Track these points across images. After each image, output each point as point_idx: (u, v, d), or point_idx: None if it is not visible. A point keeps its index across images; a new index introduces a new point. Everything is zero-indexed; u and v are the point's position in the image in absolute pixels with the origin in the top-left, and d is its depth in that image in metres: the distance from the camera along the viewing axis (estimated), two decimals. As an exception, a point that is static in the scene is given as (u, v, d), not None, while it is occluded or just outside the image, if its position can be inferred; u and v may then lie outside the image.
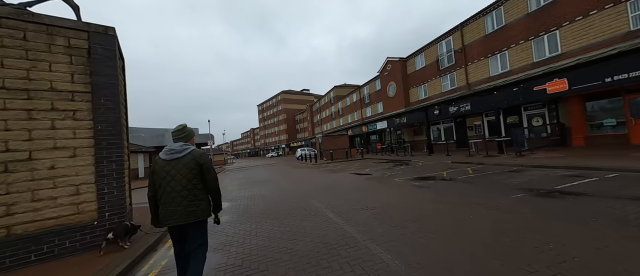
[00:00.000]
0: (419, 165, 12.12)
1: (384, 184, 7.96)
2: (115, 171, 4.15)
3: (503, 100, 12.24)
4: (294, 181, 10.84)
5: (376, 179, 9.11)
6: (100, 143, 4.07)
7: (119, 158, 4.23)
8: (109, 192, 4.07)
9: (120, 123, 4.32)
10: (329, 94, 48.28)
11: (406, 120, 20.20)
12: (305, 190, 8.07)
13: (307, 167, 17.80)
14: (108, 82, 4.20)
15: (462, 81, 18.00)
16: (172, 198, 2.21)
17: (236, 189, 10.04)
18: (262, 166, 24.95)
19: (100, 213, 3.98)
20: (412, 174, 9.46)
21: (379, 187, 7.57)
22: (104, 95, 4.16)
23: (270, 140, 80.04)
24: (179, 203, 2.21)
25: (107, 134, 4.14)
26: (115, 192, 4.12)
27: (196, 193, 2.29)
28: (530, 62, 13.52)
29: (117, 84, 4.30)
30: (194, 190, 2.28)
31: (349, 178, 10.17)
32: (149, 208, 2.48)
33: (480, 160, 11.26)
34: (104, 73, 4.17)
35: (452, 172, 9.16)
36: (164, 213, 2.24)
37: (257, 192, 8.82)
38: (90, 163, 3.99)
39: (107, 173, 4.08)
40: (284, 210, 5.72)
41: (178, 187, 2.23)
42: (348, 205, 5.58)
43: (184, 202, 2.22)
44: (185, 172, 2.26)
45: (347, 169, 13.71)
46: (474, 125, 17.15)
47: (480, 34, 16.29)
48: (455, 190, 6.01)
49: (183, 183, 2.24)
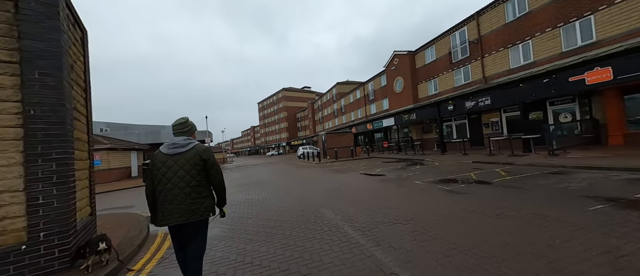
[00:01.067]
0: (435, 165, 10.92)
1: (404, 188, 6.78)
2: (56, 173, 2.98)
3: (530, 93, 11.01)
4: (298, 182, 9.67)
5: (393, 181, 7.92)
6: (33, 134, 2.90)
7: (64, 155, 3.05)
8: (46, 202, 2.90)
9: (66, 107, 3.14)
10: (331, 91, 47.05)
11: (415, 116, 18.98)
12: (312, 194, 6.90)
13: (311, 166, 16.63)
14: (47, 49, 3.02)
15: (477, 74, 16.74)
16: (174, 196, 2.07)
17: (233, 192, 8.88)
18: (262, 165, 23.80)
19: (31, 233, 2.81)
20: (433, 175, 8.27)
21: (400, 191, 6.38)
22: (40, 68, 2.97)
23: (271, 138, 78.91)
24: (181, 201, 2.07)
25: (44, 122, 2.96)
26: (56, 202, 2.95)
27: (200, 190, 2.17)
28: (558, 51, 12.26)
29: (61, 54, 3.11)
30: (198, 187, 2.15)
31: (360, 179, 8.99)
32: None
33: (505, 159, 10.06)
34: (40, 37, 2.98)
35: (480, 173, 7.96)
36: (163, 212, 2.09)
37: (256, 195, 7.65)
38: (16, 163, 2.82)
39: (44, 176, 2.91)
40: (289, 222, 4.55)
41: (181, 183, 2.10)
42: (369, 216, 4.40)
43: (187, 200, 2.09)
44: (188, 168, 2.13)
45: (355, 169, 12.53)
46: (490, 121, 15.91)
47: (499, 22, 15.02)
48: (503, 198, 4.82)
49: (186, 180, 2.11)
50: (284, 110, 70.78)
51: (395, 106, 24.92)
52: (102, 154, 16.27)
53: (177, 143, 2.19)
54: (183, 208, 2.07)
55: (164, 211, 2.08)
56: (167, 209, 2.07)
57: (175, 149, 2.16)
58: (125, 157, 18.64)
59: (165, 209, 2.07)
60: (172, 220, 2.06)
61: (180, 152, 2.16)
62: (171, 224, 2.09)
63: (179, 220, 2.06)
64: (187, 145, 2.20)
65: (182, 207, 2.07)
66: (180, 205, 2.06)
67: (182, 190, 2.08)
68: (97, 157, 16.20)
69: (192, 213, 2.09)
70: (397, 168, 11.32)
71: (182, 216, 2.06)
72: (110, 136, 21.61)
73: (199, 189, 2.15)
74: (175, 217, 2.06)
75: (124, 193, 11.51)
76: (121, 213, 6.66)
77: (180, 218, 2.06)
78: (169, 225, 2.10)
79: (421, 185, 6.94)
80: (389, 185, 7.31)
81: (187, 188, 2.10)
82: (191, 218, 2.09)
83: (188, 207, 2.08)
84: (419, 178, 7.95)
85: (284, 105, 71.04)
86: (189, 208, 2.08)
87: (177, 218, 2.06)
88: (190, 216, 2.08)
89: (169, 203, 2.07)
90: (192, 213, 2.09)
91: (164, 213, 2.08)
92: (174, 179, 2.09)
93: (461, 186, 6.25)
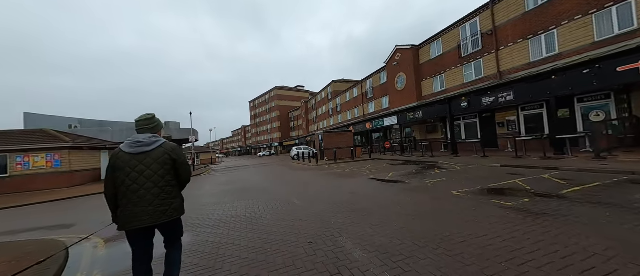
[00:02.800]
0: (457, 169, 9.29)
1: (442, 201, 5.04)
2: None
3: (564, 87, 9.55)
4: (296, 190, 7.81)
5: (419, 191, 6.18)
6: None
7: None
8: None
9: None
10: (327, 90, 45.34)
11: (422, 115, 17.45)
12: (319, 210, 5.06)
13: (308, 169, 14.77)
14: None
15: (491, 69, 15.33)
16: (140, 197, 1.94)
17: (214, 203, 6.94)
18: (253, 166, 21.74)
19: None
20: (466, 183, 6.60)
21: (441, 207, 4.63)
22: None
23: (263, 138, 76.45)
24: (150, 202, 1.96)
25: None
26: None
27: (169, 190, 2.06)
28: (590, 41, 10.90)
29: None
30: (167, 188, 2.05)
31: (374, 187, 7.22)
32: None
33: (541, 163, 8.53)
34: None
35: (528, 181, 6.33)
36: (128, 214, 1.93)
37: (243, 210, 5.75)
38: None
39: None
40: (294, 268, 2.70)
41: (148, 184, 1.97)
42: (426, 255, 2.62)
43: (155, 201, 1.97)
44: (156, 167, 2.01)
45: (361, 173, 10.78)
46: (505, 120, 14.50)
47: (518, 11, 13.62)
48: (610, 223, 3.14)
49: (155, 180, 1.99)
50: (277, 109, 68.57)
51: (396, 104, 23.39)
52: (62, 154, 13.86)
53: (141, 141, 2.03)
54: (151, 210, 1.95)
55: (129, 214, 1.92)
56: (132, 212, 1.92)
57: (140, 148, 2.01)
58: (92, 158, 16.21)
59: (131, 212, 1.92)
60: (139, 223, 1.92)
61: (145, 151, 2.02)
62: (138, 227, 1.93)
63: (147, 223, 1.93)
64: (153, 144, 2.06)
65: (150, 208, 1.95)
66: (148, 206, 1.94)
67: (149, 191, 1.96)
68: (56, 157, 13.80)
69: (162, 214, 1.99)
70: (411, 172, 9.63)
71: (151, 218, 1.94)
72: (78, 134, 19.07)
73: (167, 189, 2.04)
74: (143, 220, 1.92)
75: (79, 202, 9.33)
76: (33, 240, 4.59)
77: (148, 221, 1.93)
78: (135, 228, 1.93)
79: (464, 197, 5.22)
80: (418, 197, 5.55)
81: (156, 188, 1.99)
82: (160, 220, 1.98)
83: (157, 208, 1.97)
84: (452, 187, 6.25)
85: (277, 104, 68.84)
86: (157, 209, 1.97)
87: (144, 220, 1.93)
88: (159, 218, 1.97)
89: (134, 206, 1.93)
90: (161, 215, 1.99)
91: (129, 215, 1.92)
92: (140, 179, 1.96)
93: (525, 202, 4.56)
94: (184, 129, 21.51)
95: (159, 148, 2.06)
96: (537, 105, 12.75)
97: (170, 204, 2.03)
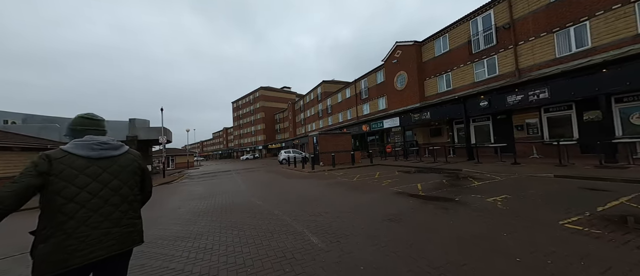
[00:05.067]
0: (500, 180, 7.40)
1: (561, 241, 2.92)
2: None
3: (620, 81, 8.05)
4: (305, 212, 5.41)
5: (494, 215, 4.06)
6: None
7: None
8: None
9: None
10: (316, 90, 43.20)
11: (430, 116, 15.74)
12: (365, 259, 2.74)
13: (305, 176, 12.38)
14: None
15: (507, 66, 13.93)
16: (105, 216, 1.38)
17: (174, 236, 4.39)
18: (236, 172, 18.90)
19: None
20: (545, 202, 4.59)
21: (576, 252, 2.49)
22: None
23: (246, 140, 72.55)
24: (115, 222, 1.41)
25: None
26: None
27: (136, 206, 1.58)
28: (632, 33, 9.63)
29: None
30: (134, 203, 1.56)
31: (418, 208, 5.03)
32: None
33: (604, 173, 6.84)
34: None
35: (634, 201, 4.45)
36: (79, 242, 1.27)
37: (226, 260, 3.29)
38: None
39: None
40: None
41: (115, 198, 1.44)
42: None
43: (123, 220, 1.45)
44: (125, 177, 1.51)
45: (375, 183, 8.60)
46: (525, 123, 13.07)
47: (541, 1, 12.30)
48: None
49: (123, 193, 1.48)
50: (262, 111, 65.28)
51: (395, 105, 21.68)
52: (-25, 156, 10.36)
53: (107, 143, 1.49)
54: (117, 232, 1.41)
55: (82, 242, 1.28)
56: (89, 236, 1.31)
57: (107, 151, 1.47)
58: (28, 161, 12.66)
59: (87, 237, 1.30)
60: (100, 252, 1.33)
61: (112, 155, 1.49)
62: (98, 258, 1.33)
63: (112, 250, 1.38)
64: (120, 148, 1.56)
65: (116, 230, 1.41)
66: (114, 227, 1.40)
67: (117, 208, 1.44)
68: (-33, 160, 10.28)
69: (127, 237, 1.46)
70: (442, 183, 7.60)
71: (117, 243, 1.41)
72: (13, 131, 15.27)
73: (135, 205, 1.56)
74: (106, 246, 1.36)
75: None
76: None
77: (113, 247, 1.39)
78: (93, 260, 1.31)
79: (585, 233, 3.15)
80: (508, 228, 3.41)
81: (124, 204, 1.48)
82: (126, 246, 1.46)
83: (124, 229, 1.45)
84: (537, 211, 4.20)
85: (262, 105, 65.57)
86: (124, 230, 1.45)
87: (108, 247, 1.36)
88: (124, 243, 1.44)
89: (93, 228, 1.33)
90: (127, 238, 1.46)
91: (80, 244, 1.28)
92: (104, 192, 1.41)
93: None
94: (153, 128, 18.24)
95: (126, 155, 1.57)
96: (565, 106, 11.39)
97: (136, 225, 1.54)
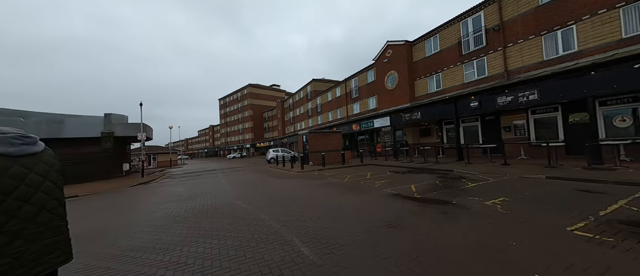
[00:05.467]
0: (493, 182, 7.29)
1: (577, 251, 2.67)
2: None
3: (608, 83, 8.16)
4: (294, 217, 4.97)
5: (497, 220, 3.81)
6: None
7: None
8: None
9: None
10: (306, 89, 42.65)
11: (420, 115, 15.69)
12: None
13: (294, 176, 11.91)
14: None
15: (496, 68, 14.07)
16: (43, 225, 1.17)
17: (142, 246, 3.82)
18: (222, 171, 18.12)
19: None
20: (544, 205, 4.41)
21: (594, 263, 2.24)
22: None
23: (233, 138, 70.84)
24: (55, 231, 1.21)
25: None
26: None
27: (62, 212, 1.32)
28: (616, 38, 9.85)
29: None
30: (59, 208, 1.30)
31: (406, 209, 4.72)
32: None
33: (594, 175, 6.86)
34: None
35: (632, 204, 4.36)
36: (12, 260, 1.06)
37: (197, 274, 2.79)
38: None
39: None
40: None
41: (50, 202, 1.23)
42: None
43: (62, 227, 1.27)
44: (54, 177, 1.30)
45: (368, 184, 8.29)
46: (513, 124, 13.25)
47: (530, 4, 12.45)
48: None
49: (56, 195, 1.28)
50: (250, 108, 63.91)
51: (385, 105, 21.60)
52: None
53: (25, 136, 1.24)
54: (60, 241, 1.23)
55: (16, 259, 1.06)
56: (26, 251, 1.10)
57: (28, 147, 1.22)
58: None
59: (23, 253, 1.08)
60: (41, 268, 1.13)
61: (34, 151, 1.25)
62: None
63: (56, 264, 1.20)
64: (38, 143, 1.31)
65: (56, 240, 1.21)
66: (53, 237, 1.21)
67: (54, 212, 1.24)
68: None
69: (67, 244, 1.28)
70: (436, 184, 7.40)
71: (62, 254, 1.24)
72: (-31, 124, 13.78)
73: (61, 210, 1.30)
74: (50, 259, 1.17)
75: None
76: None
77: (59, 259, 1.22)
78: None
79: (597, 241, 2.94)
80: (516, 235, 3.15)
81: (60, 208, 1.30)
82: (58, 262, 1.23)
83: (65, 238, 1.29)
84: (538, 214, 4.00)
85: (250, 102, 64.19)
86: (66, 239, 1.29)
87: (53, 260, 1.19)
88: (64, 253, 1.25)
89: (32, 242, 1.12)
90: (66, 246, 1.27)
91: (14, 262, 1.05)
92: (37, 196, 1.18)
93: None
94: (132, 124, 17.09)
95: (47, 151, 1.34)
96: (551, 108, 11.59)
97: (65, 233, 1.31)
